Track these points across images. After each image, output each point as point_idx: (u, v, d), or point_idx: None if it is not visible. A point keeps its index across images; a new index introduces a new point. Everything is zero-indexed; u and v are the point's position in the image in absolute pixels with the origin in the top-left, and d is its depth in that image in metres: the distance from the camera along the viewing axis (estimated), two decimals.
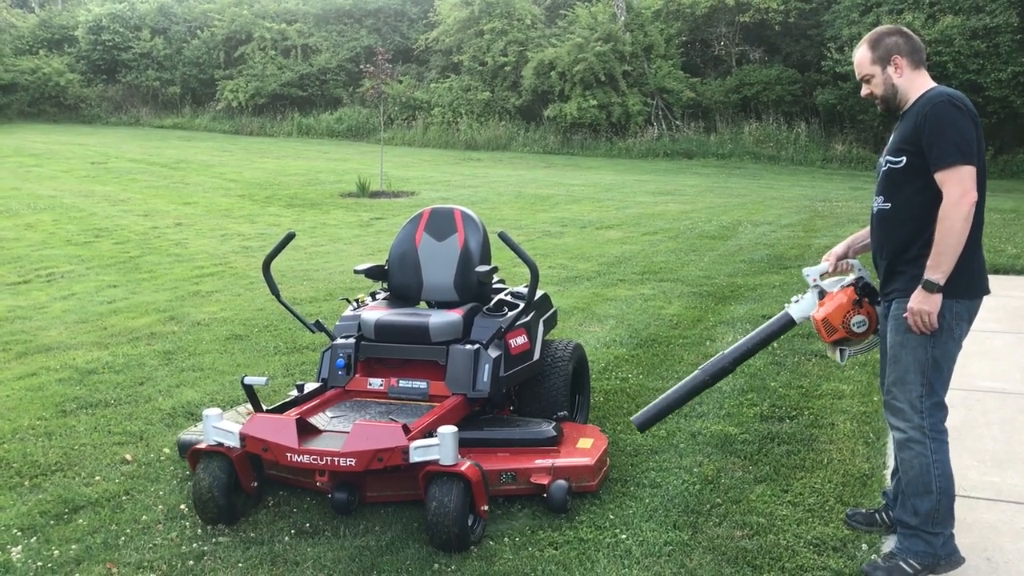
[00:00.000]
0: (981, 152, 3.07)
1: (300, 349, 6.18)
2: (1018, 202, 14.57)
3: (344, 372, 4.27)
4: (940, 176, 3.01)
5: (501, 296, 4.59)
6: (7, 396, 5.24)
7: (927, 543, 3.16)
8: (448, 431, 3.40)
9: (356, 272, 4.74)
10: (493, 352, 4.12)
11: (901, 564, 3.16)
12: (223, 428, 3.62)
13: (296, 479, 3.89)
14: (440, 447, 3.39)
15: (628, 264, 9.21)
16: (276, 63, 28.37)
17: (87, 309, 7.41)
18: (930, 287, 3.01)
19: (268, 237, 10.97)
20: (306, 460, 3.42)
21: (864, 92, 3.31)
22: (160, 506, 3.82)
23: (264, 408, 3.98)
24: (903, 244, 3.16)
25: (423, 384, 4.20)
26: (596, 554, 3.39)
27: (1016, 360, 5.87)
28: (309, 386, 4.25)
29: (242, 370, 5.67)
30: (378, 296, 4.75)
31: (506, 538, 3.51)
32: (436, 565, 3.32)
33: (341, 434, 3.58)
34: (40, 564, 3.35)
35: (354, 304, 4.68)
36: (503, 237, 4.06)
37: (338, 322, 4.49)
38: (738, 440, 4.47)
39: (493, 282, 4.71)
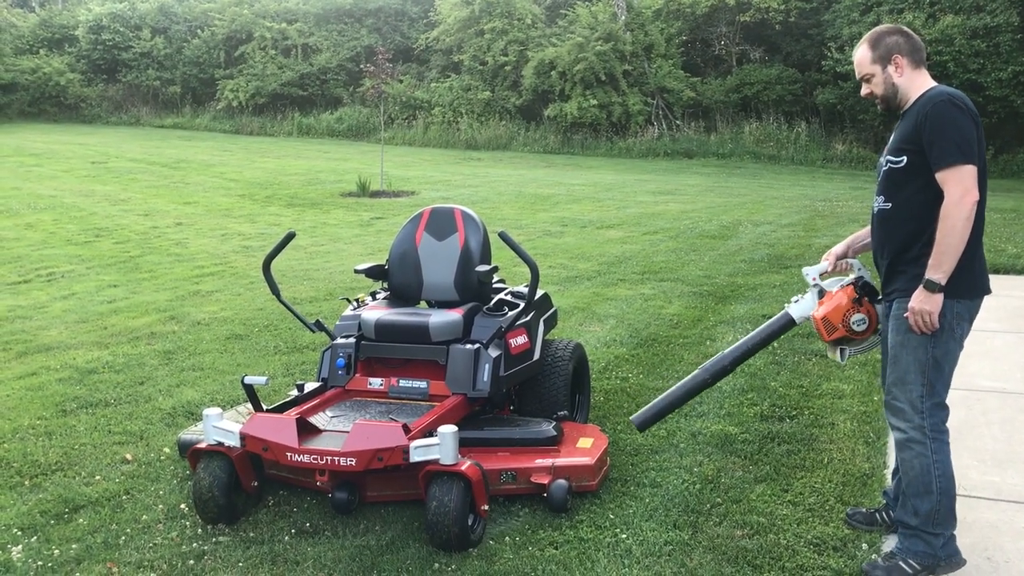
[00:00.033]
0: (982, 152, 3.06)
1: (300, 349, 6.18)
2: (1018, 201, 14.56)
3: (344, 372, 4.27)
4: (941, 176, 3.00)
5: (501, 296, 4.59)
6: (7, 396, 5.24)
7: (927, 544, 3.15)
8: (448, 431, 3.40)
9: (356, 272, 4.74)
10: (493, 352, 4.12)
11: (901, 564, 3.16)
12: (223, 428, 3.62)
13: (296, 479, 3.90)
14: (440, 447, 3.39)
15: (628, 264, 9.20)
16: (276, 63, 28.38)
17: (87, 309, 7.42)
18: (931, 287, 3.00)
19: (268, 237, 10.97)
20: (306, 460, 3.43)
21: (864, 92, 3.30)
22: (160, 506, 3.82)
23: (264, 408, 3.98)
24: (904, 244, 3.15)
25: (423, 384, 4.20)
26: (596, 554, 3.39)
27: (1016, 360, 5.86)
28: (309, 386, 4.25)
29: (242, 370, 5.67)
30: (378, 296, 4.75)
31: (506, 537, 3.51)
32: (436, 564, 3.32)
33: (341, 434, 3.58)
34: (40, 563, 3.36)
35: (354, 304, 4.68)
36: (503, 237, 4.07)
37: (338, 322, 4.49)
38: (738, 440, 4.47)
39: (493, 282, 4.71)
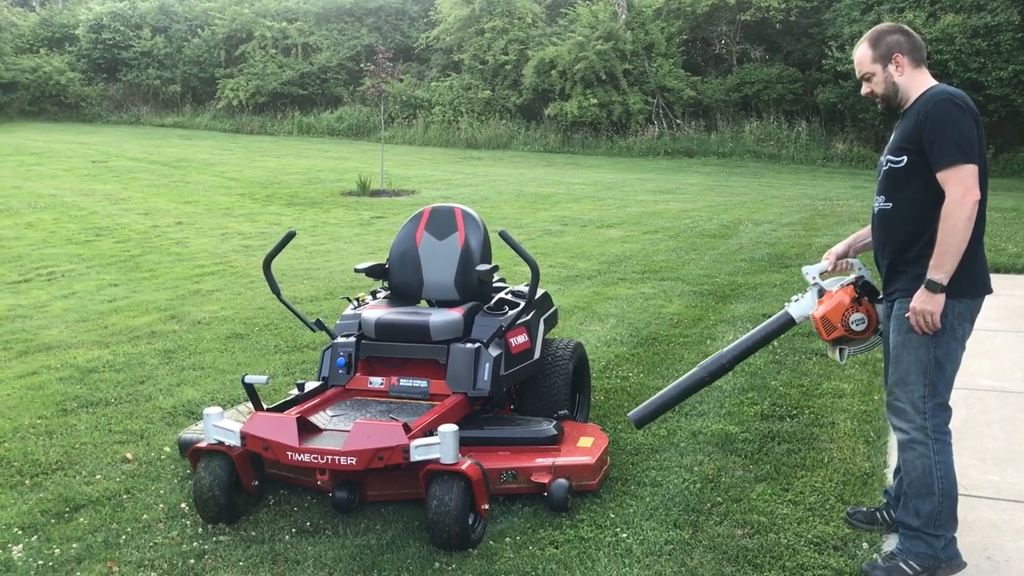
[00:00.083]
0: (982, 151, 3.04)
1: (301, 348, 6.19)
2: (1019, 201, 14.56)
3: (345, 371, 4.27)
4: (942, 175, 2.99)
5: (502, 295, 4.59)
6: (8, 395, 5.24)
7: (928, 545, 3.14)
8: (449, 430, 3.40)
9: (357, 271, 4.74)
10: (494, 351, 4.12)
11: (901, 565, 3.15)
12: (224, 427, 3.62)
13: (297, 478, 3.90)
14: (441, 446, 3.39)
15: (629, 263, 9.20)
16: (277, 62, 28.38)
17: (88, 308, 7.42)
18: (933, 287, 2.99)
19: (269, 236, 10.97)
20: (307, 459, 3.42)
21: (864, 91, 3.29)
22: (161, 505, 3.82)
23: (265, 407, 3.98)
24: (904, 244, 3.14)
25: (424, 383, 4.20)
26: (597, 553, 3.39)
27: (1017, 359, 5.86)
28: (310, 385, 4.25)
29: (243, 369, 5.67)
30: (379, 295, 4.75)
31: (507, 537, 3.51)
32: (437, 564, 3.32)
33: (342, 433, 3.58)
34: (41, 563, 3.36)
35: (355, 303, 4.68)
36: (504, 236, 4.06)
37: (339, 321, 4.49)
38: (739, 439, 4.47)
39: (494, 281, 4.71)
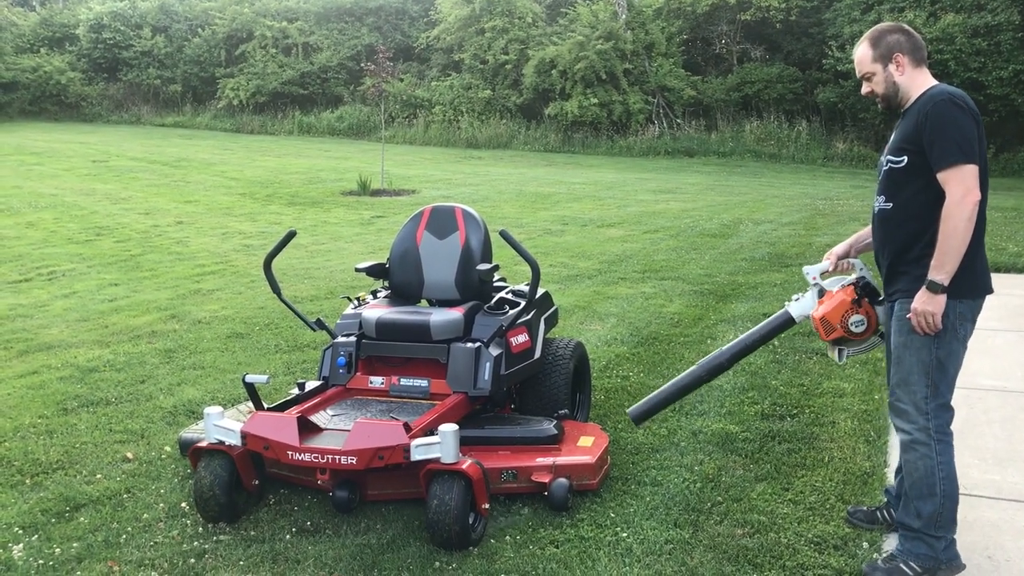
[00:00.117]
0: (983, 151, 3.04)
1: (301, 347, 6.19)
2: (1019, 200, 14.56)
3: (345, 370, 4.27)
4: (942, 176, 2.98)
5: (502, 294, 4.59)
6: (8, 394, 5.24)
7: (929, 546, 3.14)
8: (449, 429, 3.40)
9: (357, 270, 4.75)
10: (494, 350, 4.12)
11: (902, 566, 3.14)
12: (224, 426, 3.62)
13: (297, 477, 3.90)
14: (441, 445, 3.39)
15: (629, 262, 9.20)
16: (277, 61, 28.39)
17: (88, 307, 7.42)
18: (934, 288, 2.98)
19: (269, 235, 10.97)
20: (307, 458, 3.42)
21: (865, 90, 3.28)
22: (161, 504, 3.82)
23: (265, 406, 3.98)
24: (905, 244, 3.13)
25: (424, 382, 4.20)
26: (597, 552, 3.39)
27: (1017, 358, 5.86)
28: (310, 384, 4.25)
29: (243, 368, 5.67)
30: (379, 294, 4.75)
31: (507, 536, 3.51)
32: (437, 563, 3.32)
33: (342, 432, 3.59)
34: (41, 562, 3.36)
35: (355, 302, 4.68)
36: (504, 235, 4.07)
37: (339, 320, 4.49)
38: (739, 438, 4.47)
39: (494, 280, 4.71)
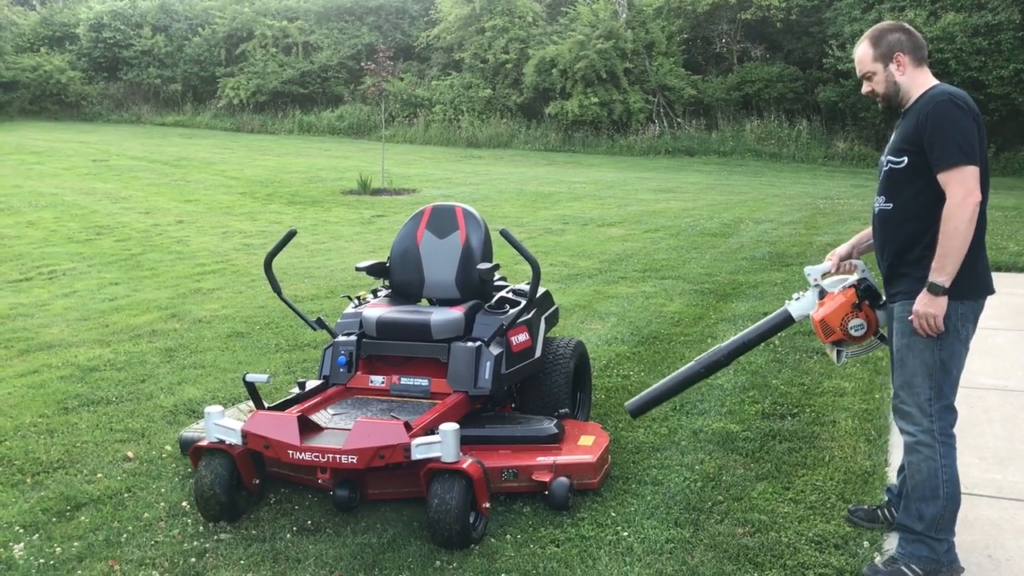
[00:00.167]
0: (983, 151, 3.02)
1: (301, 346, 6.19)
2: (1020, 199, 14.55)
3: (346, 369, 4.27)
4: (943, 177, 2.97)
5: (503, 293, 4.59)
6: (9, 393, 5.24)
7: (931, 549, 3.13)
8: (450, 428, 3.40)
9: (357, 269, 4.75)
10: (495, 349, 4.12)
11: (903, 569, 3.13)
12: (225, 425, 3.62)
13: (298, 476, 3.90)
14: (442, 444, 3.39)
15: (629, 261, 9.20)
16: (277, 60, 28.39)
17: (89, 306, 7.42)
18: (935, 290, 2.97)
19: (269, 234, 10.97)
20: (308, 457, 3.42)
21: (865, 89, 3.27)
22: (162, 503, 3.82)
23: (266, 405, 3.98)
24: (905, 245, 3.12)
25: (425, 381, 4.20)
26: (598, 551, 3.39)
27: (1018, 358, 5.86)
28: (311, 383, 4.25)
29: (244, 367, 5.67)
30: (380, 293, 4.75)
31: (508, 535, 3.52)
32: (438, 562, 3.32)
33: (343, 431, 3.59)
34: (42, 561, 3.36)
35: (356, 301, 4.68)
36: (504, 234, 4.06)
37: (340, 319, 4.49)
38: (740, 437, 4.47)
39: (495, 279, 4.71)
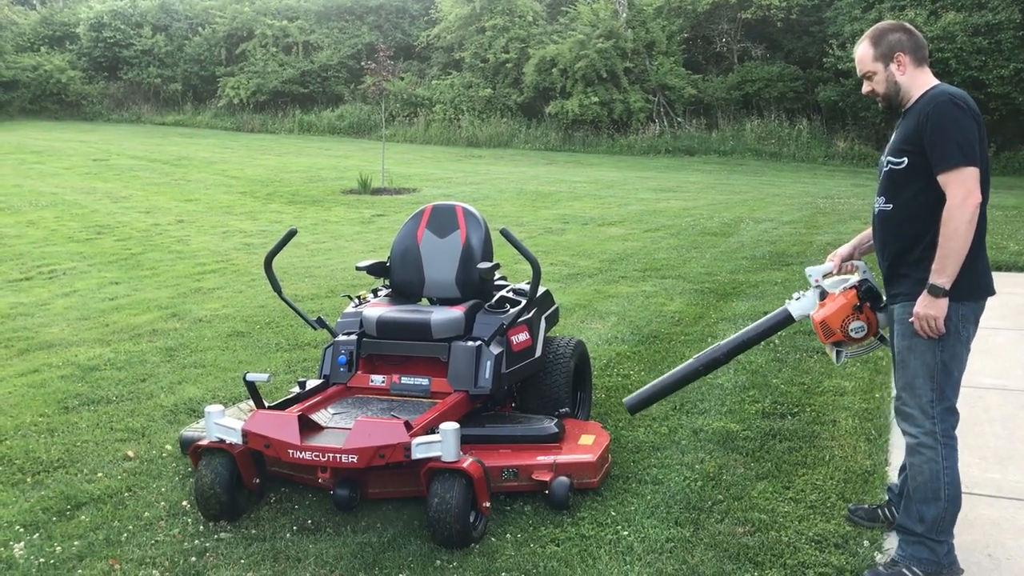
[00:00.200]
0: (984, 151, 3.01)
1: (302, 346, 6.19)
2: (1020, 199, 14.55)
3: (346, 369, 4.27)
4: (943, 178, 2.96)
5: (503, 293, 4.59)
6: (9, 393, 5.25)
7: (931, 551, 3.12)
8: (450, 428, 3.40)
9: (358, 269, 4.75)
10: (495, 349, 4.12)
11: (904, 571, 3.12)
12: (225, 425, 3.62)
13: (298, 476, 3.90)
14: (442, 444, 3.39)
15: (630, 261, 9.21)
16: (277, 60, 28.39)
17: (89, 306, 7.42)
18: (935, 291, 2.96)
19: (270, 234, 10.97)
20: (308, 457, 3.43)
21: (865, 89, 3.26)
22: (162, 503, 3.82)
23: (266, 405, 3.98)
24: (905, 246, 3.12)
25: (425, 381, 4.20)
26: (598, 551, 3.39)
27: (1018, 357, 5.86)
28: (311, 383, 4.25)
29: (244, 367, 5.68)
30: (380, 293, 4.75)
31: (508, 535, 3.52)
32: (438, 562, 3.33)
33: (343, 431, 3.59)
34: (42, 560, 3.36)
35: (356, 301, 4.68)
36: (505, 234, 4.06)
37: (340, 319, 4.49)
38: (740, 437, 4.47)
39: (495, 279, 4.71)
